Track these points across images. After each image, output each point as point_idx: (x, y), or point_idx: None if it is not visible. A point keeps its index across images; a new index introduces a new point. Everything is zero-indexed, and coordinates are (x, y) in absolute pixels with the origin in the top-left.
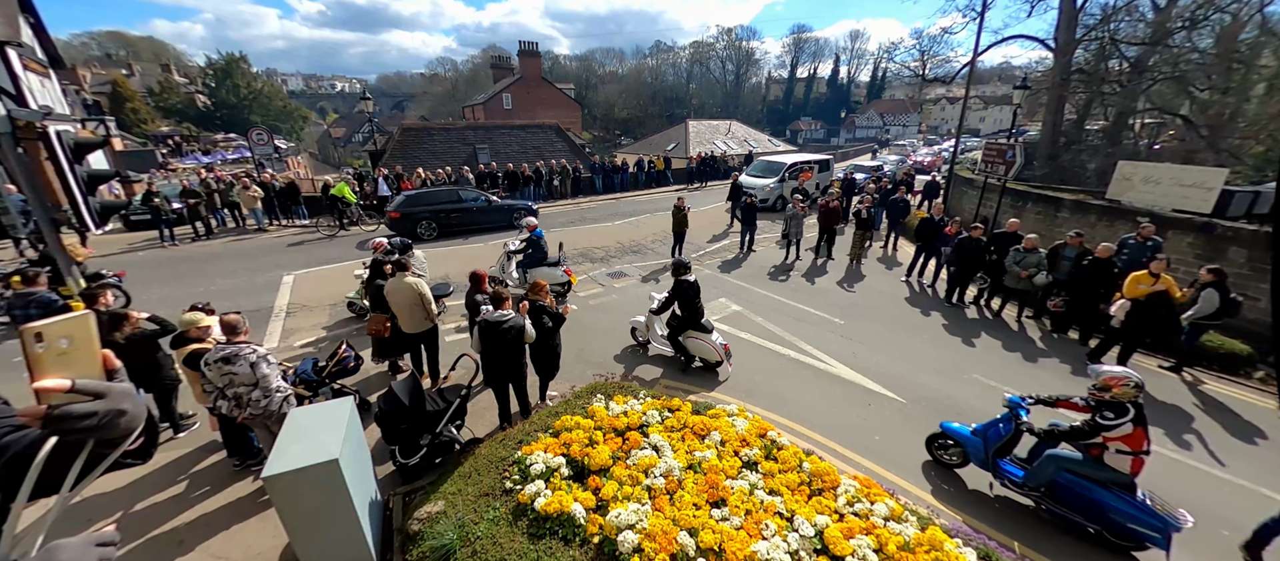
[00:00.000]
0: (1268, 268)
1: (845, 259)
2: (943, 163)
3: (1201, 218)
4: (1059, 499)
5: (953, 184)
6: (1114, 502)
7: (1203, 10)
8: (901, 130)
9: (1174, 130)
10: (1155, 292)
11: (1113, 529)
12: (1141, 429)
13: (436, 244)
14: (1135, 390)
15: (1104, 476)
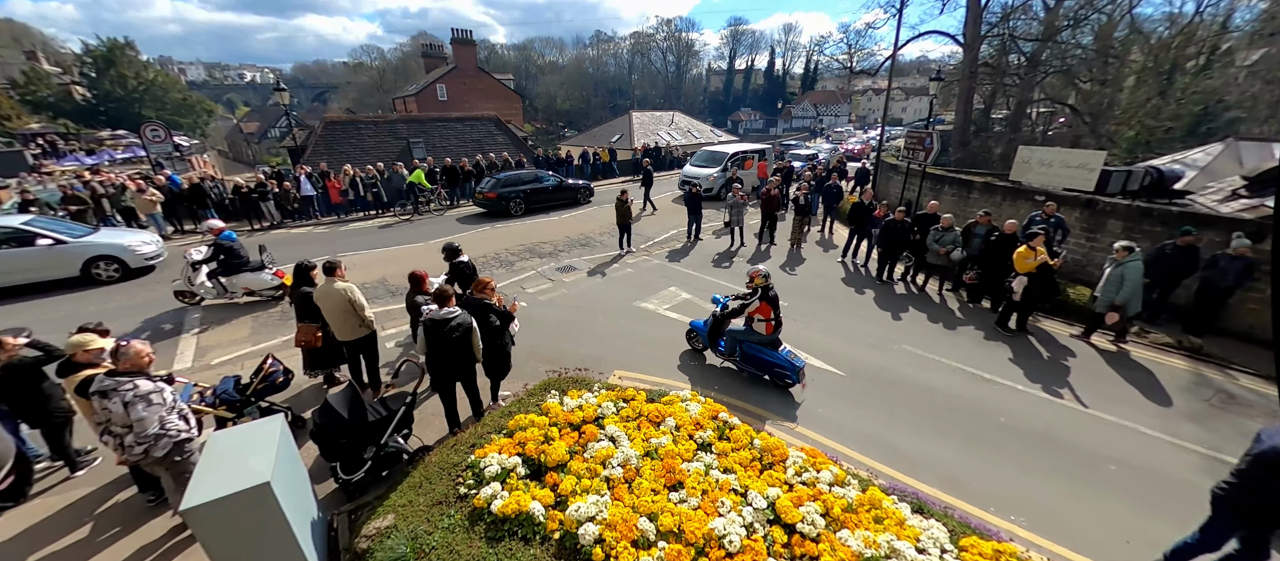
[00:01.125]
0: (1143, 237)
1: (786, 243)
2: (871, 151)
3: (1086, 195)
4: (747, 359)
5: (880, 170)
6: (770, 356)
7: (1084, 10)
8: (834, 120)
9: (1064, 118)
10: (1042, 264)
11: (773, 373)
12: (766, 304)
13: (525, 218)
14: (764, 279)
15: (759, 338)
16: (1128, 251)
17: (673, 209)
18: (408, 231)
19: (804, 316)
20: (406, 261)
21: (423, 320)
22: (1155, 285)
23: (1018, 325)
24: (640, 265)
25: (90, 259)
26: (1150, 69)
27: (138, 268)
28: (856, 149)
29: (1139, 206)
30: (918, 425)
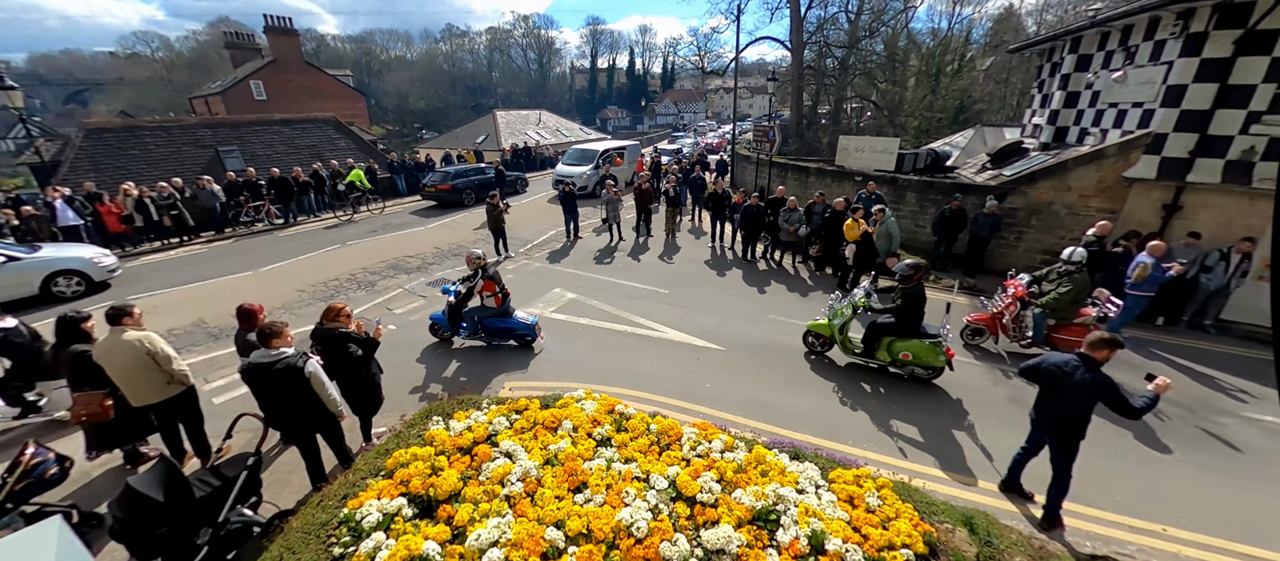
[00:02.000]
0: (930, 204)
1: (662, 234)
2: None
3: (889, 173)
4: (490, 332)
5: (735, 161)
6: (508, 323)
7: (875, 24)
8: (693, 117)
9: (870, 112)
10: (864, 232)
11: (515, 337)
12: (489, 281)
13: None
14: (479, 260)
15: (492, 311)
16: (882, 214)
17: (549, 209)
18: (234, 259)
19: (684, 300)
20: (234, 294)
21: (240, 367)
22: (940, 240)
23: (855, 285)
24: (521, 270)
25: None
26: (924, 72)
27: None
28: (715, 142)
29: (924, 180)
30: (788, 383)
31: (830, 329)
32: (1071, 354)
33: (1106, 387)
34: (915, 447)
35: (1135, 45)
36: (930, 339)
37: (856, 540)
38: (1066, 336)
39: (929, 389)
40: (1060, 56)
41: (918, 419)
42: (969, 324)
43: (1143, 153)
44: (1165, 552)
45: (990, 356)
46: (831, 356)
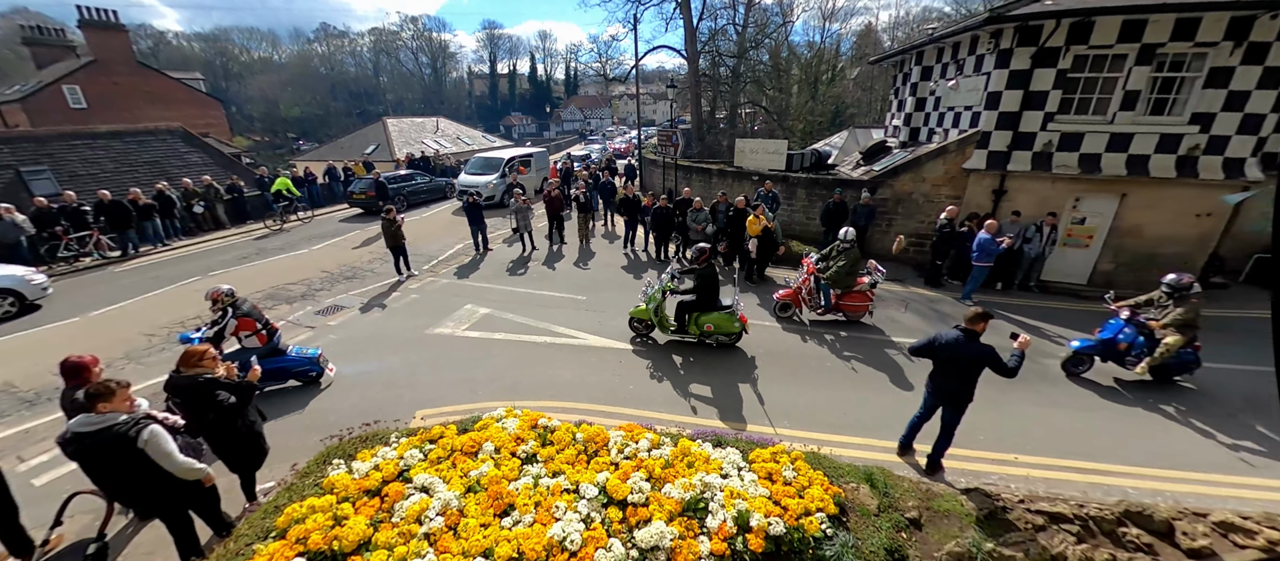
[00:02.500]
0: (817, 199)
1: (576, 241)
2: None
3: (781, 172)
4: (273, 375)
5: (643, 165)
6: (282, 362)
7: (758, 36)
8: (600, 122)
9: (762, 117)
10: (764, 227)
11: (295, 375)
12: (245, 319)
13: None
14: (227, 298)
15: (260, 351)
16: (762, 211)
17: (454, 221)
18: (53, 305)
19: (602, 305)
20: (54, 347)
21: (59, 437)
22: (828, 230)
23: (759, 276)
24: (427, 288)
25: None
26: (804, 80)
27: None
28: (623, 147)
29: (811, 177)
30: (706, 374)
31: (648, 313)
32: (956, 331)
33: (989, 355)
34: (815, 418)
35: (963, 59)
36: (725, 310)
37: (778, 513)
38: (851, 302)
39: (819, 366)
40: (909, 68)
41: (814, 394)
42: (778, 300)
43: (975, 148)
44: (1018, 476)
45: (802, 326)
46: (655, 337)
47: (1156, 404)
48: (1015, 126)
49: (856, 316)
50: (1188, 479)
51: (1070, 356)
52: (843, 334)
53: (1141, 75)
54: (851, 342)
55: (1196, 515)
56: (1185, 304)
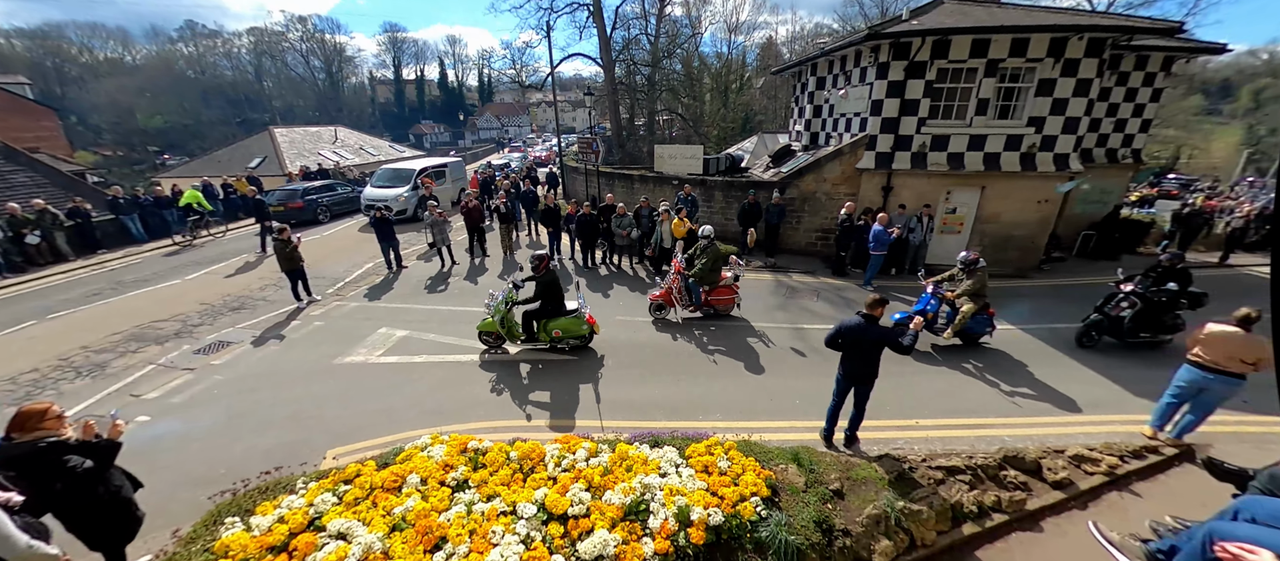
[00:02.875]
0: (733, 200)
1: (500, 253)
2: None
3: (699, 177)
4: None
5: (565, 173)
6: None
7: (670, 46)
8: (518, 130)
9: (679, 123)
10: (691, 230)
11: None
12: None
13: None
14: None
15: None
16: (668, 214)
17: (361, 238)
18: None
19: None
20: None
21: None
22: (744, 230)
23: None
24: (333, 313)
25: None
26: (715, 89)
27: None
28: (543, 155)
29: (727, 180)
30: (641, 376)
31: (494, 325)
32: (858, 317)
33: (887, 337)
34: (740, 406)
35: (851, 70)
36: (571, 314)
37: (715, 503)
38: (718, 297)
39: (764, 355)
40: (806, 78)
41: (758, 378)
42: (652, 301)
43: (865, 150)
44: (919, 438)
45: (674, 325)
46: (506, 349)
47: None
48: (896, 130)
49: (725, 310)
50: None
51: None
52: (712, 328)
53: (990, 85)
54: (730, 333)
55: (1057, 452)
56: (973, 276)
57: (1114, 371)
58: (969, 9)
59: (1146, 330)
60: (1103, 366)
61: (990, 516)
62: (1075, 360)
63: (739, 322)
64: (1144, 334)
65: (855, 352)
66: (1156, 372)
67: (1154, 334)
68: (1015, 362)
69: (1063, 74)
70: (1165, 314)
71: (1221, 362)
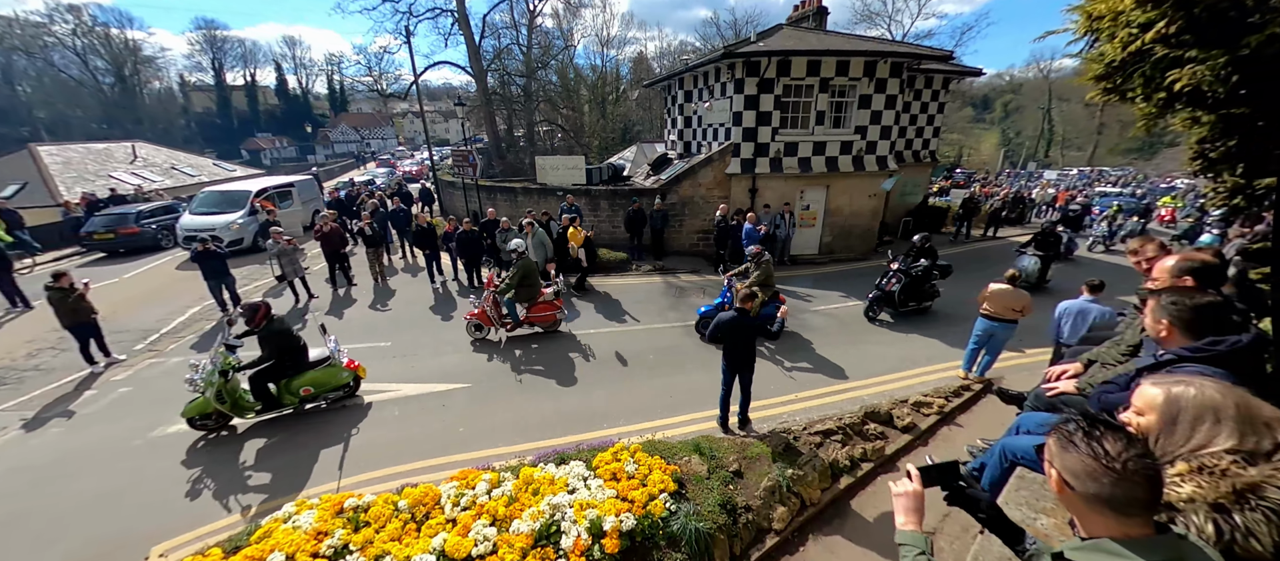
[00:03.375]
0: (619, 208)
1: (369, 280)
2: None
3: (583, 187)
4: None
5: (441, 188)
6: None
7: (544, 57)
8: (382, 143)
9: (560, 134)
10: (586, 237)
11: None
12: None
13: None
14: None
15: None
16: (532, 225)
17: (181, 277)
18: None
19: (411, 347)
20: None
21: None
22: (632, 236)
23: (582, 286)
24: (145, 374)
25: None
26: (593, 100)
27: None
28: (414, 170)
29: (610, 189)
30: (544, 392)
31: (208, 404)
32: (732, 312)
33: (759, 326)
34: (643, 408)
35: (713, 85)
36: (322, 364)
37: (627, 508)
38: (538, 313)
39: (644, 355)
40: (675, 91)
41: (649, 378)
42: (469, 320)
43: (731, 156)
44: (800, 410)
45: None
46: (236, 425)
47: None
48: (755, 138)
49: (549, 326)
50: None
51: (699, 320)
52: (534, 347)
53: (824, 100)
54: (632, 337)
55: (902, 402)
56: (759, 268)
57: (927, 331)
58: (803, 35)
59: (913, 300)
60: (921, 328)
61: (860, 467)
62: (901, 330)
63: (634, 326)
64: (911, 302)
65: (734, 344)
66: (953, 330)
67: (919, 302)
68: (862, 332)
69: (876, 91)
70: (923, 285)
71: (1001, 313)
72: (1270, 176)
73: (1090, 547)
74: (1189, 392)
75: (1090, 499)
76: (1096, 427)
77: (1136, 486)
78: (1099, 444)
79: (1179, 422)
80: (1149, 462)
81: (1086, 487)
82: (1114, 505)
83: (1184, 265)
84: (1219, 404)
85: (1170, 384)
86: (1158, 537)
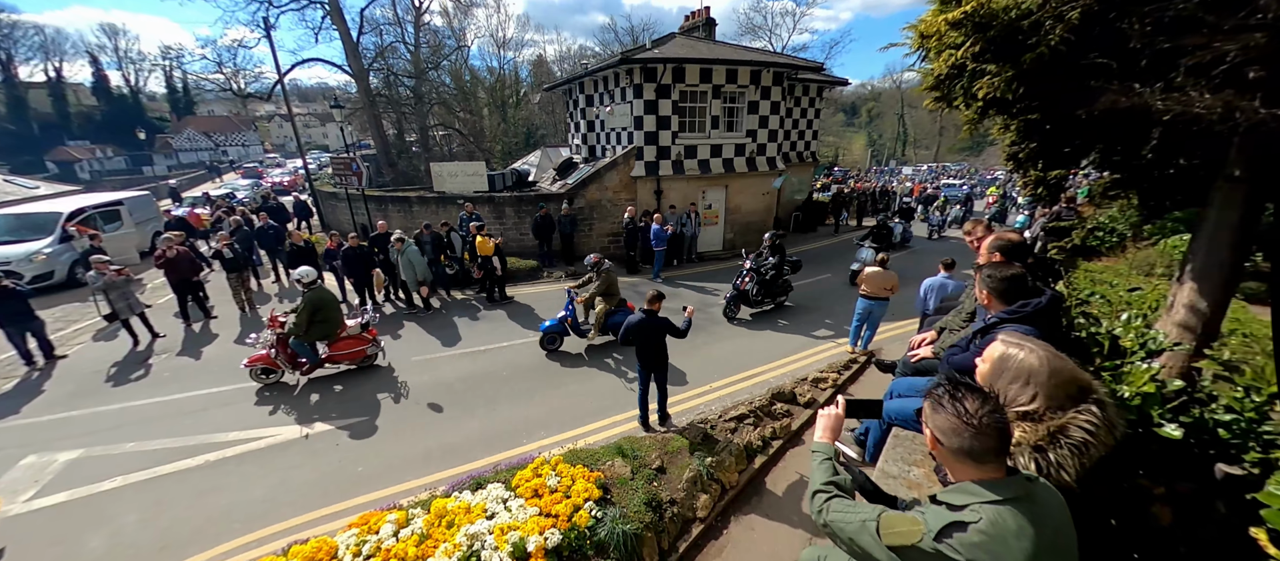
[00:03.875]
0: (526, 215)
1: (234, 310)
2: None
3: (486, 194)
4: None
5: (321, 201)
6: None
7: (434, 57)
8: (244, 150)
9: (459, 139)
10: (496, 244)
11: None
12: None
13: None
14: None
15: None
16: (402, 242)
17: None
18: None
19: (290, 382)
20: None
21: None
22: (541, 242)
23: (501, 296)
24: None
25: None
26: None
27: None
28: (286, 181)
29: (516, 195)
30: (454, 417)
31: None
32: (640, 313)
33: (666, 325)
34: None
35: (614, 90)
36: None
37: (551, 524)
38: (342, 350)
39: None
40: (577, 95)
41: (568, 386)
42: (251, 365)
43: (635, 160)
44: (716, 398)
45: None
46: None
47: None
48: (657, 142)
49: (361, 362)
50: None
51: (544, 335)
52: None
53: (718, 105)
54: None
55: (803, 380)
56: (600, 278)
57: (816, 313)
58: (695, 44)
59: (768, 296)
60: (811, 311)
61: (771, 445)
62: (802, 308)
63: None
64: (767, 299)
65: (644, 344)
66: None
67: (773, 297)
68: (765, 320)
69: (763, 97)
70: (776, 281)
71: (876, 292)
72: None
73: (956, 489)
74: (1017, 355)
75: (955, 451)
76: (959, 390)
77: (990, 438)
78: (961, 404)
79: (1001, 377)
80: (999, 417)
81: (952, 442)
82: (973, 455)
83: (996, 243)
84: (1034, 368)
85: (1008, 344)
86: (1009, 478)
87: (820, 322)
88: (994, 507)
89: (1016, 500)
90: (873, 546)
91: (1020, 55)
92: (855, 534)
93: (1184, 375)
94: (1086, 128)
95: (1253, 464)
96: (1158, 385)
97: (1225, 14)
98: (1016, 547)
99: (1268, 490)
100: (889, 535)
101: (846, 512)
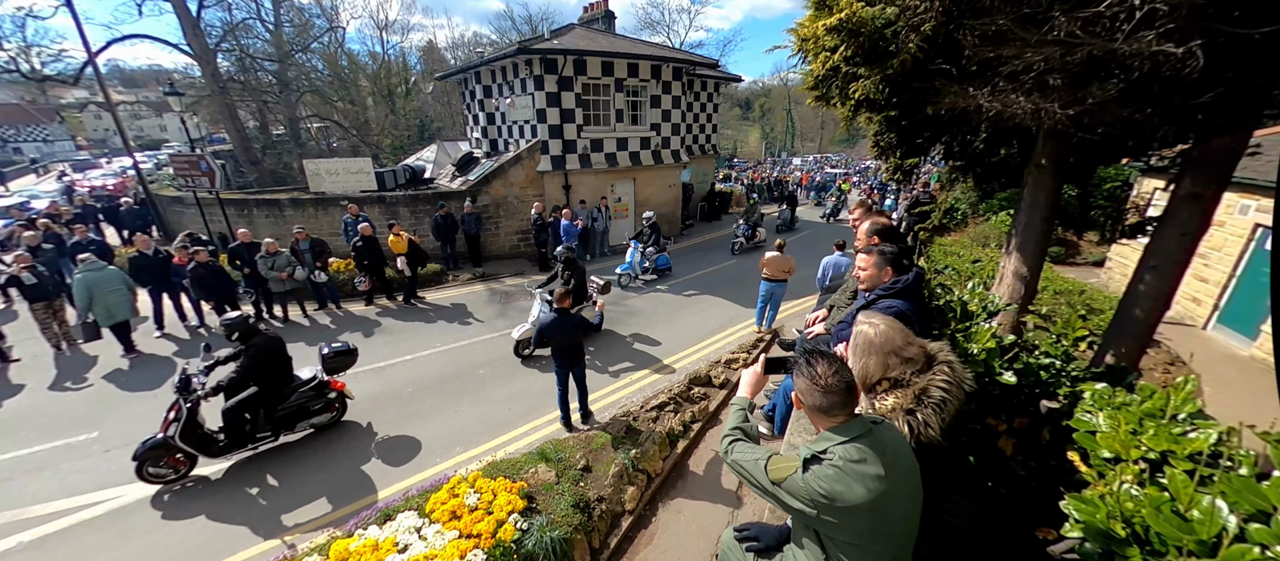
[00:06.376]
0: (423, 214)
1: (46, 347)
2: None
3: (374, 193)
4: None
5: (161, 207)
6: None
7: (301, 38)
8: (47, 146)
9: (339, 133)
10: (410, 241)
11: None
12: None
13: None
14: None
15: None
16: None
17: None
18: None
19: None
20: None
21: None
22: (443, 243)
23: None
24: None
25: None
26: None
27: None
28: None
29: (411, 194)
30: (358, 442)
31: None
32: (552, 313)
33: (580, 323)
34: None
35: (513, 81)
36: None
37: (473, 546)
38: None
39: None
40: (473, 86)
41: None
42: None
43: (541, 153)
44: (635, 391)
45: None
46: None
47: None
48: (562, 135)
49: None
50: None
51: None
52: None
53: (621, 99)
54: (458, 355)
55: (716, 363)
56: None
57: (728, 299)
58: (595, 36)
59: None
60: (722, 297)
61: (691, 428)
62: (711, 294)
63: (463, 341)
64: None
65: (559, 342)
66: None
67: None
68: (678, 308)
69: (664, 92)
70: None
71: (776, 275)
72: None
73: (819, 438)
74: (865, 331)
75: (812, 408)
76: (812, 357)
77: (835, 394)
78: (812, 368)
79: (855, 351)
80: (845, 376)
81: (809, 399)
82: (824, 409)
83: (873, 227)
84: (872, 340)
85: (861, 322)
86: (853, 420)
87: (726, 303)
88: (842, 446)
89: (860, 436)
90: (763, 480)
91: (887, 61)
92: (751, 469)
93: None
94: (934, 122)
95: (1065, 397)
96: (997, 340)
97: (1032, 29)
98: (862, 470)
99: (1076, 417)
100: (774, 472)
101: (746, 453)
